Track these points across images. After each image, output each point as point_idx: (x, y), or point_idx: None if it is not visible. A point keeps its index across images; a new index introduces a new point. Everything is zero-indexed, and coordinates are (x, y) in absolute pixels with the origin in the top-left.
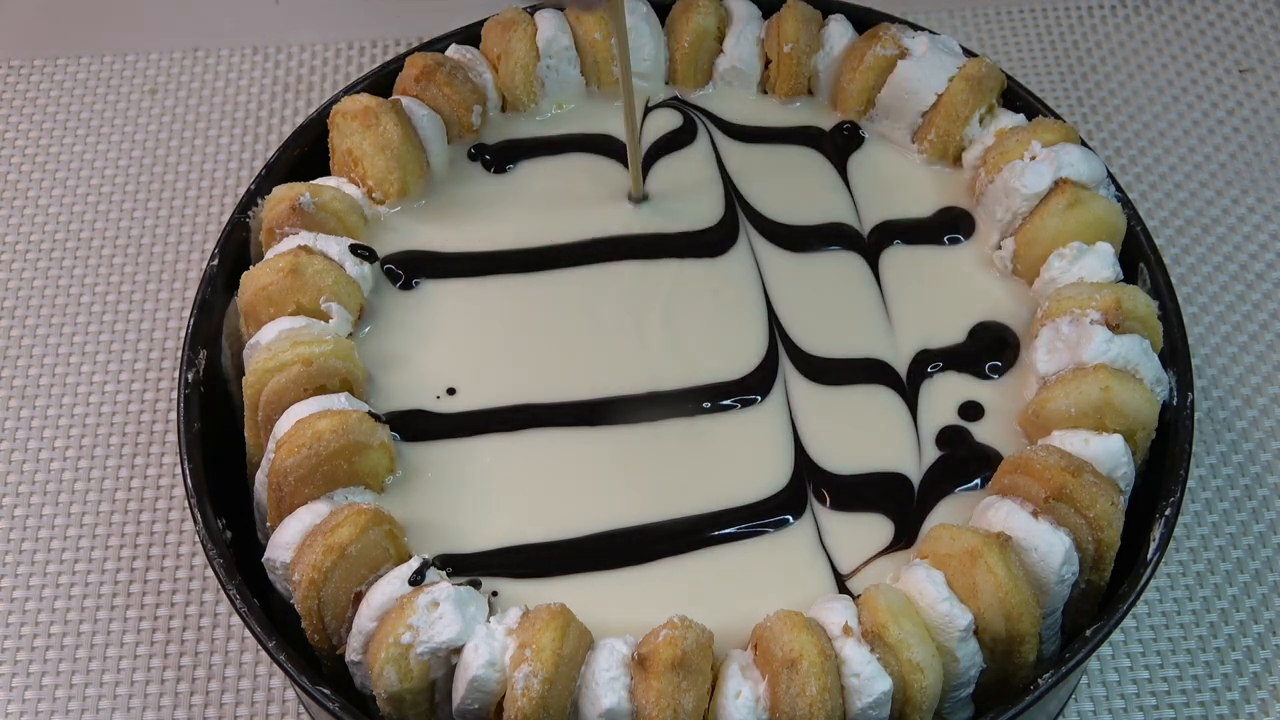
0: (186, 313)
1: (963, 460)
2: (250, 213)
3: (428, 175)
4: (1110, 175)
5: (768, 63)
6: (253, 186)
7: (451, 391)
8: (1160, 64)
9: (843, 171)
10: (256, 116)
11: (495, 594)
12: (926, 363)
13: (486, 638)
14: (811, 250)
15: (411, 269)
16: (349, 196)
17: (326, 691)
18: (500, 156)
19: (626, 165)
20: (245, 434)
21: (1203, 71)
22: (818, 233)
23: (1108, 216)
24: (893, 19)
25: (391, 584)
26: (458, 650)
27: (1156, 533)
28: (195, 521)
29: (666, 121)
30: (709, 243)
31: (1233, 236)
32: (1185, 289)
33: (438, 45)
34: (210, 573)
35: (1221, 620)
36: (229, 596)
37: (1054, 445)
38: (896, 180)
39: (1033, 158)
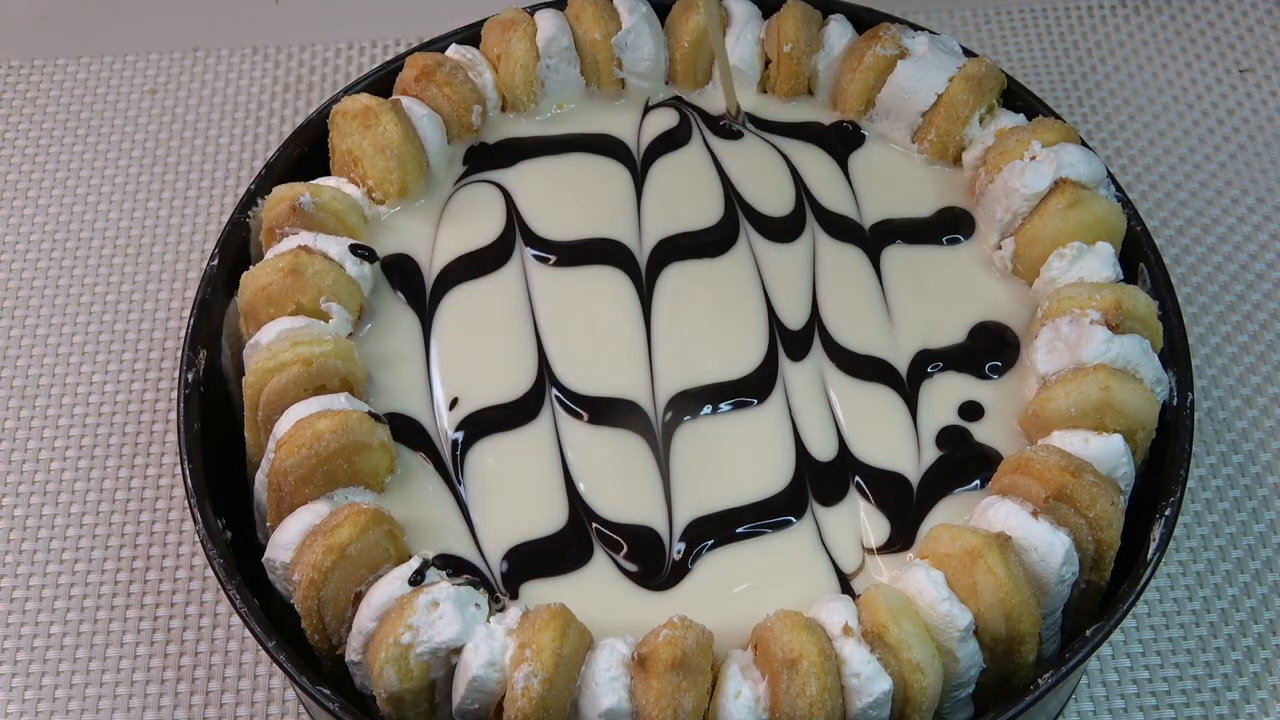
0: (186, 313)
1: (962, 460)
2: (250, 213)
3: (428, 175)
4: (1110, 175)
5: (768, 63)
6: (253, 186)
7: (453, 393)
8: (1160, 64)
9: (844, 170)
10: (256, 116)
11: (500, 601)
12: (926, 363)
13: (486, 638)
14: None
15: (411, 269)
16: (349, 196)
17: (326, 691)
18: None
19: (627, 165)
20: (245, 434)
21: (1203, 71)
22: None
23: (1108, 216)
24: (893, 19)
25: (391, 584)
26: (458, 650)
27: (1156, 533)
28: (195, 521)
29: (665, 121)
30: (709, 243)
31: (1233, 236)
32: (1185, 289)
33: (438, 45)
34: (210, 573)
35: (1221, 620)
36: (229, 596)
37: (1054, 445)
38: (896, 180)
39: (1033, 158)
